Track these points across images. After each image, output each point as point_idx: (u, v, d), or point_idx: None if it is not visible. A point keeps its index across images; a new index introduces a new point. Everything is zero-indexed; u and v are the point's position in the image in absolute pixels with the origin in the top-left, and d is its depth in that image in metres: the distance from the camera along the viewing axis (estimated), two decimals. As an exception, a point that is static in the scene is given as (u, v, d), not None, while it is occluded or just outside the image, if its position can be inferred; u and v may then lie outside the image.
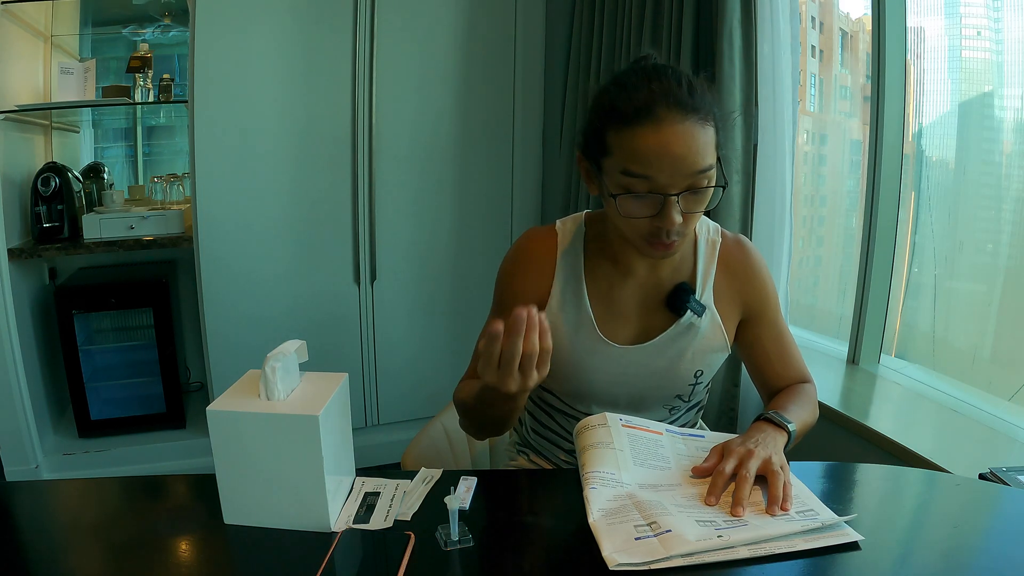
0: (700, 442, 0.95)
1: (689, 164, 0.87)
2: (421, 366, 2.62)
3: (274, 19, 2.22)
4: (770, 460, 0.83)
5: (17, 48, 2.32)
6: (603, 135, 0.91)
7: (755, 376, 1.12)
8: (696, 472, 0.85)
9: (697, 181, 0.88)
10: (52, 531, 0.80)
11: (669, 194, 0.88)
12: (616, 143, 0.89)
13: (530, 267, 1.06)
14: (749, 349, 1.10)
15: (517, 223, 2.65)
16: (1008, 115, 1.56)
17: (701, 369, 1.07)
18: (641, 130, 0.87)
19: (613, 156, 0.90)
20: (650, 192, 0.88)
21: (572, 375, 1.06)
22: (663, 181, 0.87)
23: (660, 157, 0.86)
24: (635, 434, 0.91)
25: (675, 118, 0.86)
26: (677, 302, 1.03)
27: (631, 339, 1.05)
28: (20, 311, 2.23)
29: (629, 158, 0.88)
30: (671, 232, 0.90)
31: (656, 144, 0.86)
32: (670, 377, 1.06)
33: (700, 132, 0.88)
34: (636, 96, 0.88)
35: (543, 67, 2.61)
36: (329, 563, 0.71)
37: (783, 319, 1.11)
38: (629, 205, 0.90)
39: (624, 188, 0.89)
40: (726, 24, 1.71)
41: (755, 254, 1.09)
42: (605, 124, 0.91)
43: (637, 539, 0.72)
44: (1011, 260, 1.57)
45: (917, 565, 0.72)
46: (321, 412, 0.74)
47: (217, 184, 2.24)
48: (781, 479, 0.80)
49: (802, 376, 1.10)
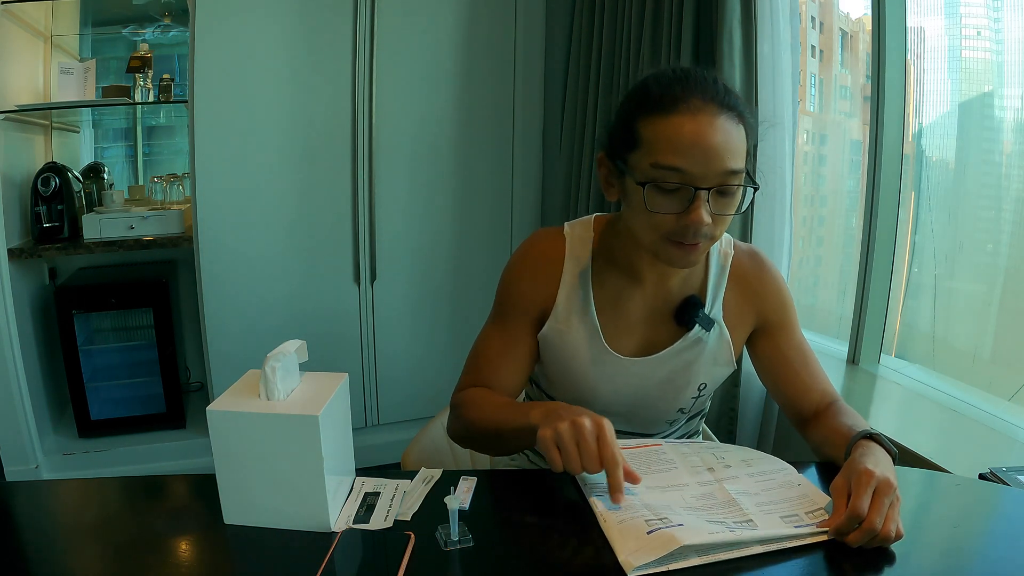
0: (701, 444, 0.95)
1: (722, 159, 0.84)
2: (421, 366, 2.62)
3: (274, 19, 2.22)
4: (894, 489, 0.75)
5: (17, 48, 2.32)
6: (633, 126, 0.88)
7: (778, 389, 1.05)
8: (832, 526, 0.74)
9: (728, 181, 0.86)
10: (52, 531, 0.80)
11: (700, 188, 0.85)
12: (647, 133, 0.87)
13: (537, 272, 1.04)
14: (769, 362, 1.05)
15: (517, 223, 2.65)
16: (1008, 115, 1.56)
17: (705, 383, 1.05)
18: (676, 118, 0.84)
19: (642, 148, 0.87)
20: (680, 186, 0.85)
21: (574, 383, 1.05)
22: (695, 172, 0.84)
23: (694, 147, 0.84)
24: (633, 453, 0.91)
25: (711, 110, 0.85)
26: (686, 316, 1.01)
27: (636, 350, 1.03)
28: (20, 311, 2.23)
29: (660, 148, 0.85)
30: (698, 232, 0.86)
31: (691, 133, 0.84)
32: (673, 390, 1.04)
33: (734, 129, 0.86)
34: (672, 87, 0.87)
35: (543, 67, 2.61)
36: (329, 563, 0.71)
37: (802, 334, 1.06)
38: (656, 199, 0.86)
39: (652, 181, 0.86)
40: (726, 24, 1.71)
41: (769, 266, 1.06)
42: (636, 115, 0.88)
43: (650, 532, 0.71)
44: (1011, 260, 1.57)
45: (917, 565, 0.72)
46: (321, 412, 0.74)
47: (217, 184, 2.24)
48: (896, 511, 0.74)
49: (831, 391, 1.03)
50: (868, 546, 0.72)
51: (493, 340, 1.05)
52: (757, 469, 0.87)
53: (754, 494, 0.81)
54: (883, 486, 0.73)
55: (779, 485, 0.83)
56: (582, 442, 0.77)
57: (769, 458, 0.91)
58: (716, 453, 0.92)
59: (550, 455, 0.78)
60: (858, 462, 0.78)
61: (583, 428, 0.77)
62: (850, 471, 0.77)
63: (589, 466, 0.76)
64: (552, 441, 0.78)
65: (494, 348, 1.05)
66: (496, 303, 1.07)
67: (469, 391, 1.02)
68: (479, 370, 1.04)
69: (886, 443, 0.84)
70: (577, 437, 0.77)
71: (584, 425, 0.78)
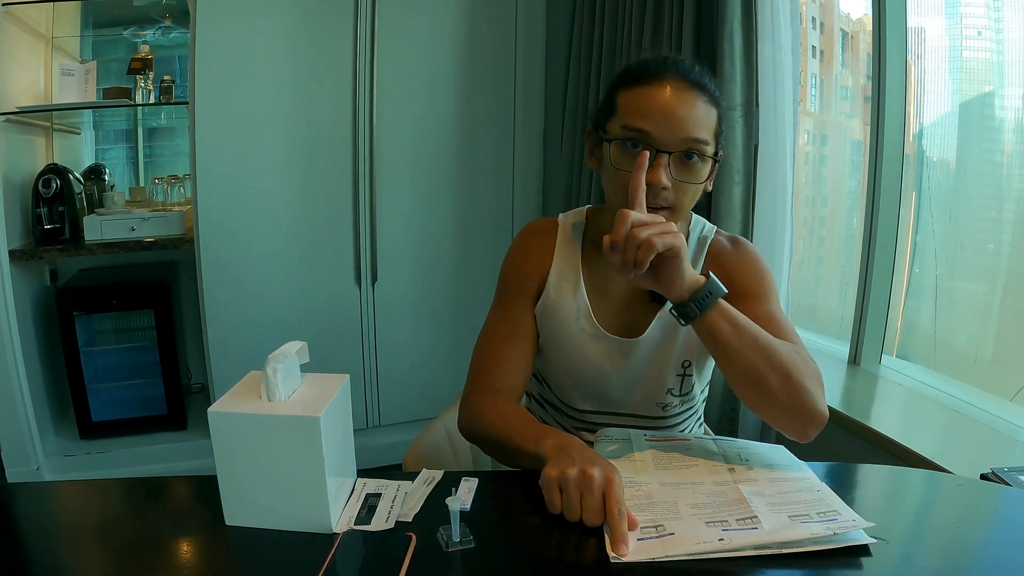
0: (731, 441, 0.96)
1: (686, 127, 0.92)
2: (422, 367, 2.62)
3: (275, 20, 2.22)
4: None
5: (18, 50, 2.32)
6: (613, 97, 0.98)
7: None
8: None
9: (690, 147, 0.93)
10: (53, 532, 0.80)
11: (662, 151, 0.92)
12: (623, 102, 0.96)
13: (530, 248, 1.10)
14: None
15: (518, 223, 2.65)
16: (1009, 115, 1.56)
17: (688, 360, 1.06)
18: (648, 88, 0.94)
19: (617, 114, 0.96)
20: (644, 147, 0.92)
21: (564, 362, 1.08)
22: (659, 136, 0.92)
23: (660, 112, 0.92)
24: (659, 445, 0.93)
25: (682, 86, 0.93)
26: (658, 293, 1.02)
27: (623, 330, 1.06)
28: (21, 313, 2.23)
29: (631, 113, 0.94)
30: (657, 194, 0.92)
31: (659, 101, 0.92)
32: (658, 367, 1.06)
33: (702, 105, 0.94)
34: (651, 63, 0.96)
35: (543, 67, 2.61)
36: (330, 564, 0.71)
37: (780, 308, 1.04)
38: (621, 156, 0.95)
39: (619, 139, 0.94)
40: (726, 25, 1.71)
41: (749, 247, 1.08)
42: (616, 87, 0.98)
43: (640, 540, 0.73)
44: (1012, 260, 1.57)
45: (918, 565, 0.72)
46: (322, 413, 0.74)
47: (218, 185, 2.24)
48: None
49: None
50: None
51: (497, 330, 1.08)
52: (779, 475, 0.86)
53: (768, 495, 0.81)
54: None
55: (797, 490, 0.83)
56: (587, 494, 0.74)
57: (796, 465, 0.90)
58: (742, 454, 0.91)
59: (550, 496, 0.76)
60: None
61: (591, 480, 0.74)
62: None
63: (590, 519, 0.74)
64: (556, 483, 0.76)
65: (499, 338, 1.07)
66: (497, 290, 1.12)
67: (487, 399, 1.01)
68: (487, 363, 1.06)
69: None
70: (583, 488, 0.74)
71: (593, 477, 0.75)
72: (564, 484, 0.76)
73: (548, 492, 0.77)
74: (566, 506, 0.76)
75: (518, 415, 0.96)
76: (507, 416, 0.96)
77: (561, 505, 0.76)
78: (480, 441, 1.01)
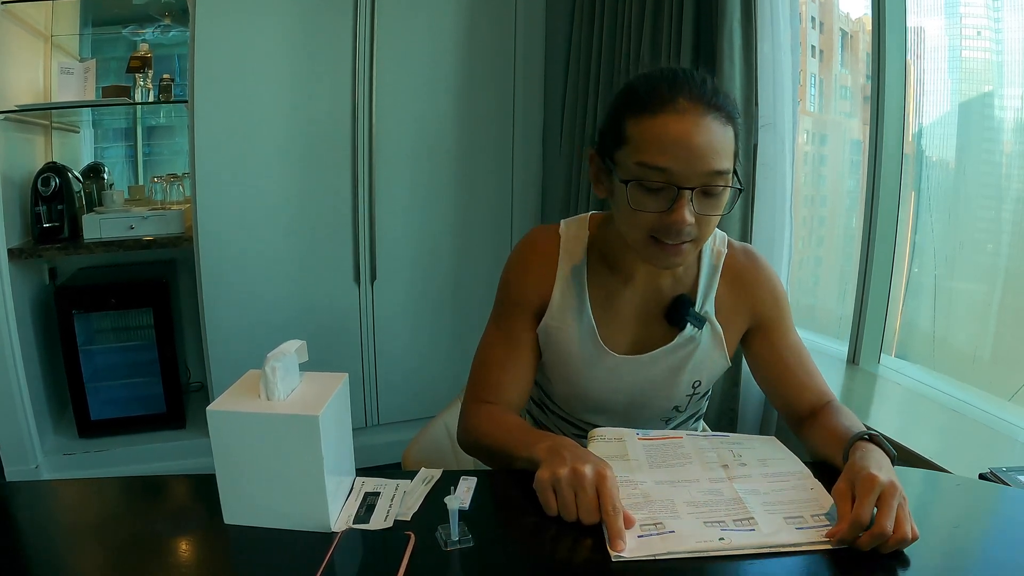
0: (723, 436, 0.96)
1: (707, 160, 0.84)
2: (421, 366, 2.62)
3: (274, 19, 2.22)
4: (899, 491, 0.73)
5: (17, 48, 2.32)
6: (621, 124, 0.88)
7: (773, 389, 1.05)
8: (835, 535, 0.72)
9: (713, 181, 0.85)
10: (52, 531, 0.80)
11: (684, 187, 0.84)
12: (634, 132, 0.87)
13: (532, 267, 1.04)
14: (764, 361, 1.04)
15: (517, 223, 2.65)
16: (1008, 115, 1.56)
17: (699, 380, 1.05)
18: (662, 118, 0.84)
19: (628, 146, 0.87)
20: (664, 185, 0.85)
21: (570, 379, 1.06)
22: (679, 172, 0.84)
23: (678, 146, 0.83)
24: (652, 444, 0.93)
25: (698, 111, 0.84)
26: (676, 315, 1.01)
27: (629, 348, 1.03)
28: (20, 311, 2.23)
29: (646, 147, 0.85)
30: (681, 232, 0.86)
31: (676, 133, 0.84)
32: (667, 388, 1.04)
33: (721, 130, 0.85)
34: (659, 86, 0.86)
35: (543, 67, 2.61)
36: (329, 563, 0.71)
37: (797, 334, 1.05)
38: (640, 197, 0.87)
39: (637, 179, 0.86)
40: (726, 24, 1.71)
41: (764, 264, 1.05)
42: (624, 113, 0.88)
43: (640, 536, 0.73)
44: (1011, 260, 1.57)
45: (917, 565, 0.72)
46: (321, 412, 0.74)
47: (217, 184, 2.24)
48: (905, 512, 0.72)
49: (826, 391, 1.03)
50: (884, 550, 0.70)
51: (496, 346, 1.05)
52: (773, 470, 0.87)
53: (763, 493, 0.81)
54: (888, 489, 0.71)
55: (791, 487, 0.83)
56: (580, 492, 0.74)
57: (789, 459, 0.91)
58: (735, 450, 0.92)
59: (544, 498, 0.76)
60: (859, 465, 0.76)
61: (583, 477, 0.74)
62: (852, 475, 0.75)
63: (585, 517, 0.74)
64: (549, 484, 0.76)
65: (497, 355, 1.04)
66: (496, 303, 1.08)
67: (483, 411, 1.00)
68: (485, 379, 1.04)
69: (884, 444, 0.83)
70: (576, 486, 0.74)
71: (585, 474, 0.75)
72: (557, 484, 0.76)
73: (542, 494, 0.77)
74: (561, 506, 0.75)
75: (512, 423, 0.95)
76: (502, 425, 0.95)
77: (557, 506, 0.76)
78: (478, 452, 1.01)
